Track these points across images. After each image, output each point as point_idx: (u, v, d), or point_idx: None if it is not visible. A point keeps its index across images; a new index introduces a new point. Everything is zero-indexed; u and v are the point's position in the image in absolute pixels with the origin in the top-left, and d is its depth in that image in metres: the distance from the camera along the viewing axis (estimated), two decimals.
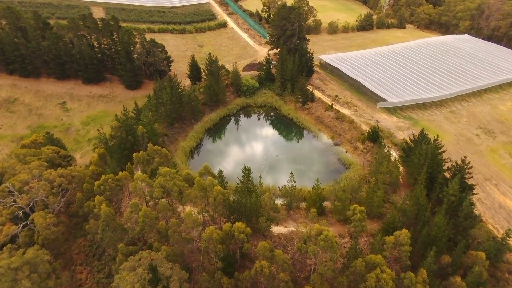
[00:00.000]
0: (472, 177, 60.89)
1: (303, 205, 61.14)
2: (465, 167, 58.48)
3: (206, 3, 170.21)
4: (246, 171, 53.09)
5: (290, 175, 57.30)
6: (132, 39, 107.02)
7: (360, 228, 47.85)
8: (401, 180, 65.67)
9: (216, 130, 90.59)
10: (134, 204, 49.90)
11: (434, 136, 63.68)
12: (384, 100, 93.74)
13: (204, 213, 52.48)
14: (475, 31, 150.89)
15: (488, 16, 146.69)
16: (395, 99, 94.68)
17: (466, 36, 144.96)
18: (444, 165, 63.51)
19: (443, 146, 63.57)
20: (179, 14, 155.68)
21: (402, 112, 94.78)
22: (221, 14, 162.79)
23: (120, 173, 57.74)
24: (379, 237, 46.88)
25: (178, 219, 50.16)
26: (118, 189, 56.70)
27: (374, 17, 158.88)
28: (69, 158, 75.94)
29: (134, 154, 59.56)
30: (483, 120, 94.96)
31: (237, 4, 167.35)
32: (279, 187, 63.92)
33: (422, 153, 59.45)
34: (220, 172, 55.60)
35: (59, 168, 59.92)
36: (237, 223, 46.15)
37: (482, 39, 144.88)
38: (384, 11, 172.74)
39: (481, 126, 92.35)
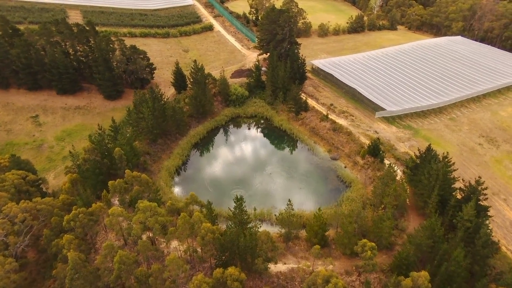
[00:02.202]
0: (487, 198, 55.66)
1: (303, 233, 54.82)
2: (480, 188, 53.03)
3: (190, 5, 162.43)
4: (238, 201, 46.43)
5: (288, 202, 50.87)
6: (111, 45, 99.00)
7: (370, 267, 41.79)
8: (407, 201, 59.97)
9: (204, 145, 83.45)
10: (109, 246, 42.64)
11: (444, 153, 58.24)
12: (382, 109, 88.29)
13: (191, 251, 45.59)
14: (467, 32, 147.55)
15: (481, 17, 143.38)
16: (393, 107, 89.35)
17: (459, 37, 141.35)
18: (455, 183, 58.14)
19: (453, 164, 58.16)
20: (162, 17, 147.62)
21: (401, 121, 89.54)
22: (207, 16, 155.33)
23: (94, 204, 50.29)
24: (393, 279, 40.91)
25: (161, 263, 43.12)
26: (91, 224, 49.27)
27: (365, 18, 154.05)
28: (40, 182, 67.80)
29: (110, 183, 52.14)
30: (485, 127, 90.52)
31: (223, 6, 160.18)
32: (275, 215, 57.44)
33: (433, 174, 53.82)
34: (209, 203, 48.68)
35: (22, 200, 51.92)
36: (229, 268, 39.43)
37: (475, 40, 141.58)
38: (375, 12, 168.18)
39: (483, 134, 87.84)
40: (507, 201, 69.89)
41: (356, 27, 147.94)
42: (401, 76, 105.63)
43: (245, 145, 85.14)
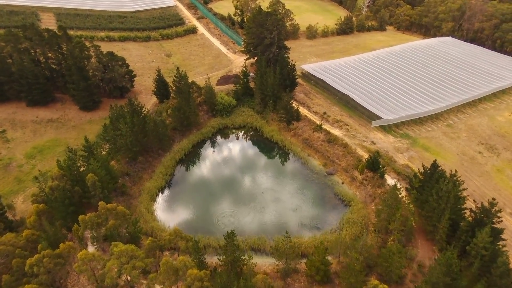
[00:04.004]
0: (501, 221, 51.17)
1: (302, 264, 49.19)
2: (494, 211, 48.50)
3: (172, 6, 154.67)
4: (230, 238, 40.42)
5: (286, 234, 45.13)
6: (86, 52, 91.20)
7: None
8: (413, 223, 55.04)
9: (189, 161, 76.86)
10: None
11: (451, 171, 53.57)
12: (378, 117, 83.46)
13: None
14: (457, 32, 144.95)
15: (471, 17, 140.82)
16: (390, 115, 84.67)
17: (449, 38, 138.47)
18: (465, 203, 53.58)
19: (463, 182, 53.48)
20: (142, 20, 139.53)
21: (398, 130, 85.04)
22: (190, 18, 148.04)
23: (62, 244, 43.40)
24: None
25: None
26: (58, 268, 42.42)
27: (354, 19, 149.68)
28: (4, 211, 60.09)
29: (80, 218, 45.29)
30: (483, 134, 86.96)
31: (207, 7, 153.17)
32: (271, 247, 51.58)
33: (443, 196, 48.96)
34: (196, 243, 42.38)
35: None
36: None
37: (465, 41, 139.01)
38: (364, 13, 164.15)
39: (482, 142, 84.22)
40: None
41: (345, 29, 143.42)
42: (394, 80, 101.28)
43: (234, 159, 78.97)
